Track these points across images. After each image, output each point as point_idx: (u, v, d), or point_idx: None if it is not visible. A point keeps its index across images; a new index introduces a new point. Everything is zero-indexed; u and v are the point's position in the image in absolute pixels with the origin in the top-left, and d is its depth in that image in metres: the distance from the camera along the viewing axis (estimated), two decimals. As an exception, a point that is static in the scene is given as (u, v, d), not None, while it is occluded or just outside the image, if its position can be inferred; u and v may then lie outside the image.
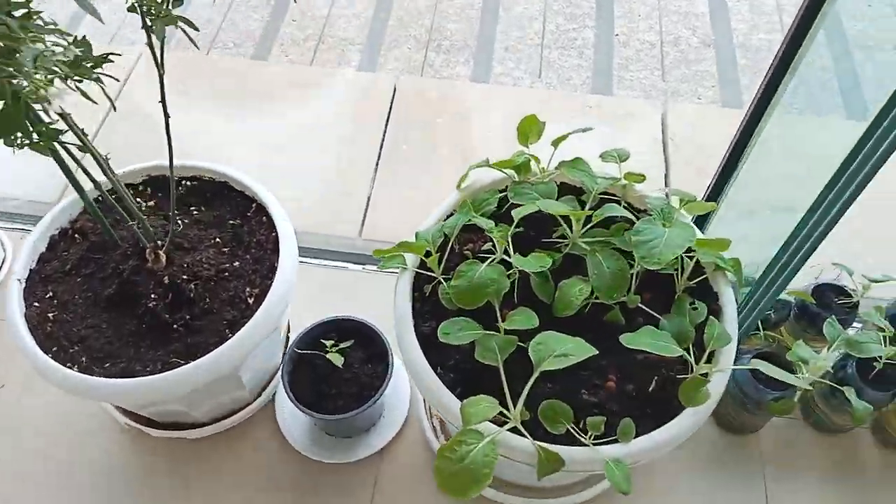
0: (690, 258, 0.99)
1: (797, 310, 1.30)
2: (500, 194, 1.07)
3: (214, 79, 1.97)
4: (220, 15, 2.54)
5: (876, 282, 1.25)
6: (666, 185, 1.73)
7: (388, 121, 1.84)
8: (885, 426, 1.27)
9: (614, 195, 1.11)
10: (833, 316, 1.21)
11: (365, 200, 1.67)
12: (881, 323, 1.19)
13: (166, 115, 0.92)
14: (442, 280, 0.97)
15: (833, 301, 1.29)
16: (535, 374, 0.83)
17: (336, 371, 1.19)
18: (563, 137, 1.07)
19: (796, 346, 1.15)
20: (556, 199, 1.03)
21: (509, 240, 1.00)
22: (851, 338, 1.15)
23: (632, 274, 0.96)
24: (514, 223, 0.97)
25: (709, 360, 0.93)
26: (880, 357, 1.17)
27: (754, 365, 0.91)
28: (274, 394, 1.31)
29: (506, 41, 2.29)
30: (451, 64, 2.21)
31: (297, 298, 1.43)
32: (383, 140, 1.79)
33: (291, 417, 1.29)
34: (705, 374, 0.91)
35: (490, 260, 0.94)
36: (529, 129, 1.09)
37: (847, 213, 0.83)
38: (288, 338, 1.37)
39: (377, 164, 1.73)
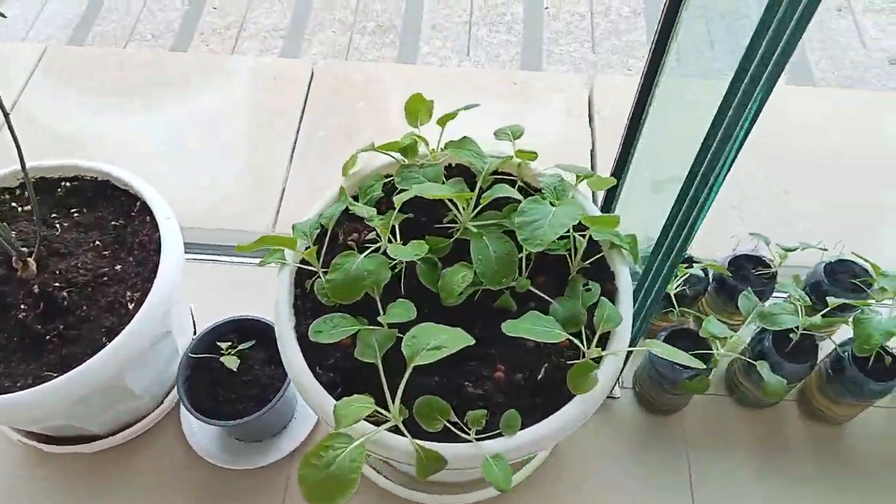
0: (584, 237, 0.94)
1: (716, 283, 1.26)
2: (387, 179, 1.02)
3: (126, 72, 1.88)
4: (139, 5, 2.44)
5: (789, 250, 1.21)
6: (592, 159, 1.69)
7: (304, 108, 1.76)
8: (810, 398, 1.25)
9: (511, 174, 1.07)
10: (749, 288, 1.18)
11: (279, 192, 1.60)
12: (796, 293, 1.15)
13: (5, 113, 0.84)
14: (321, 274, 0.91)
15: (751, 272, 1.25)
16: (409, 370, 0.78)
17: (235, 374, 1.13)
18: (451, 116, 1.02)
19: (707, 321, 1.11)
20: (445, 182, 0.98)
21: (397, 227, 0.95)
22: (764, 310, 1.12)
23: (523, 257, 0.91)
24: (396, 209, 0.91)
25: (603, 344, 0.88)
26: (796, 328, 1.13)
27: (653, 346, 0.86)
28: (177, 401, 1.25)
29: (433, 20, 2.22)
30: (376, 46, 2.14)
31: (206, 299, 1.37)
32: (299, 128, 1.72)
33: (198, 425, 1.23)
34: (598, 359, 0.86)
35: (370, 250, 0.89)
36: (417, 108, 1.03)
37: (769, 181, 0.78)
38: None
39: (292, 154, 1.66)
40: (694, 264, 1.25)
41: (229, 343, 1.15)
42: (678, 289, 1.20)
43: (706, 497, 1.19)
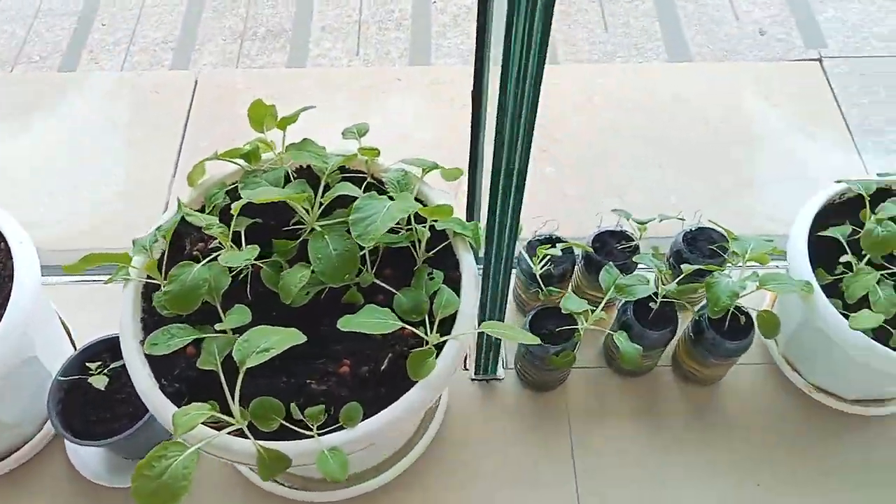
0: (425, 228, 0.97)
1: (584, 261, 1.31)
2: (232, 186, 1.02)
3: (2, 97, 1.84)
4: (25, 28, 2.39)
5: (643, 223, 1.26)
6: (476, 149, 1.72)
7: (188, 119, 1.75)
8: (681, 362, 1.30)
9: (363, 172, 1.08)
10: (611, 263, 1.22)
11: (164, 206, 1.59)
12: (652, 263, 1.20)
13: None
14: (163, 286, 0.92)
15: (615, 247, 1.30)
16: (242, 373, 0.79)
17: (108, 393, 1.13)
18: (291, 119, 1.04)
19: (565, 298, 1.15)
20: (290, 184, 1.00)
21: (243, 234, 0.96)
22: (619, 282, 1.16)
23: (367, 252, 0.94)
24: (236, 216, 0.92)
25: (449, 329, 0.91)
26: (655, 297, 1.18)
27: (488, 327, 0.89)
28: (59, 425, 1.24)
29: (324, 21, 2.22)
30: (266, 51, 2.14)
31: (85, 320, 1.36)
32: (183, 139, 1.71)
33: (81, 447, 1.22)
34: (442, 345, 0.89)
35: (208, 259, 0.89)
36: (260, 114, 1.04)
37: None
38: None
39: (176, 167, 1.65)
40: (558, 244, 1.29)
41: (100, 363, 1.14)
42: (543, 268, 1.24)
43: (587, 465, 1.24)
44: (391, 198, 0.94)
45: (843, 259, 1.12)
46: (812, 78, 1.85)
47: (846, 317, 1.07)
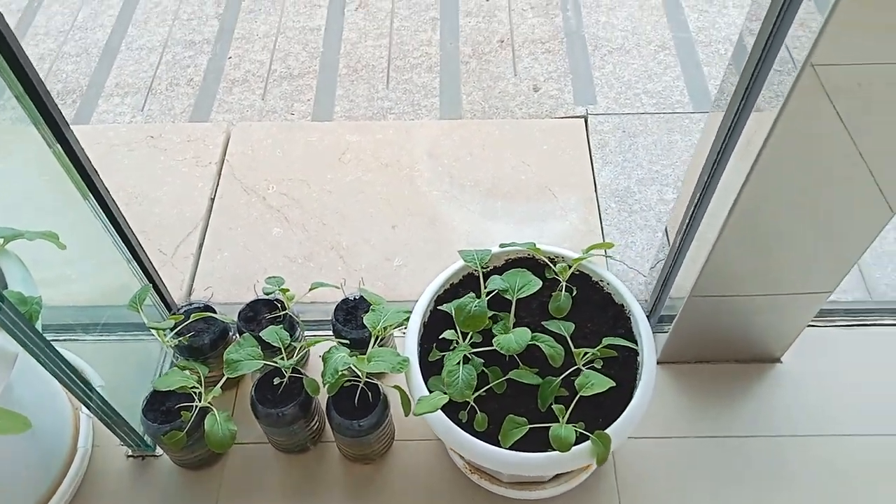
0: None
1: (237, 332, 1.26)
2: None
3: None
4: None
5: (286, 291, 1.21)
6: (210, 207, 1.68)
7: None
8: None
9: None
10: (248, 335, 1.17)
11: None
12: (274, 337, 1.15)
13: None
14: None
15: (264, 317, 1.25)
16: None
17: None
18: None
19: (164, 376, 1.10)
20: None
21: None
22: (227, 357, 1.11)
23: None
24: None
25: None
26: (285, 371, 1.13)
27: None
28: None
29: (118, 76, 2.20)
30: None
31: None
32: None
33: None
34: None
35: None
36: None
37: None
38: None
39: None
40: (215, 315, 1.24)
41: None
42: (200, 341, 1.19)
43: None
44: None
45: (444, 335, 1.07)
46: (573, 135, 1.84)
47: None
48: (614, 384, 1.00)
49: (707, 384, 1.34)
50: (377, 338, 1.14)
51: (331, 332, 1.28)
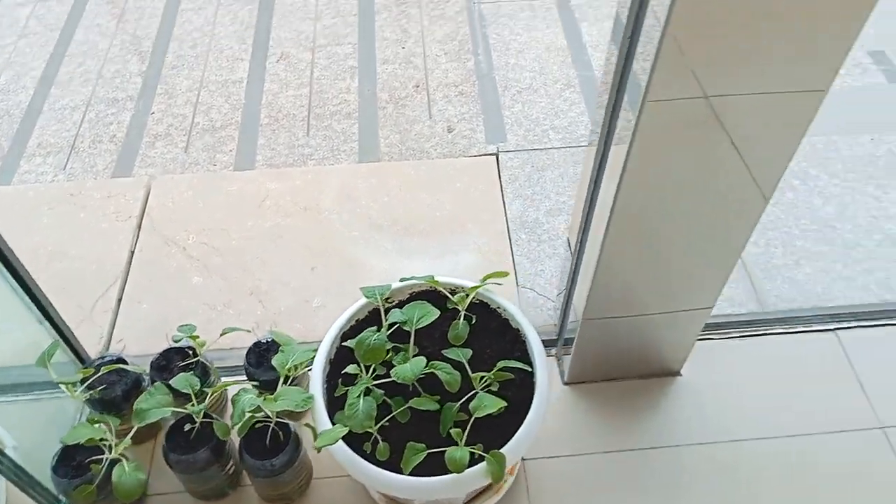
0: None
1: (152, 381, 1.28)
2: None
3: None
4: None
5: (195, 338, 1.24)
6: (130, 260, 1.70)
7: None
8: (257, 477, 1.26)
9: None
10: (160, 383, 1.19)
11: None
12: (183, 384, 1.18)
13: None
14: None
15: (177, 364, 1.27)
16: None
17: None
18: None
19: (72, 429, 1.11)
20: None
21: None
22: (137, 406, 1.13)
23: None
24: None
25: None
26: (195, 417, 1.15)
27: None
28: None
29: (41, 136, 2.22)
30: (-28, 170, 2.11)
31: None
32: None
33: None
34: None
35: None
36: None
37: None
38: None
39: None
40: (126, 366, 1.26)
41: None
42: (112, 393, 1.21)
43: None
44: None
45: (347, 369, 1.12)
46: (485, 172, 1.92)
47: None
48: (506, 404, 1.05)
49: (614, 401, 1.41)
50: (287, 377, 1.18)
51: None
